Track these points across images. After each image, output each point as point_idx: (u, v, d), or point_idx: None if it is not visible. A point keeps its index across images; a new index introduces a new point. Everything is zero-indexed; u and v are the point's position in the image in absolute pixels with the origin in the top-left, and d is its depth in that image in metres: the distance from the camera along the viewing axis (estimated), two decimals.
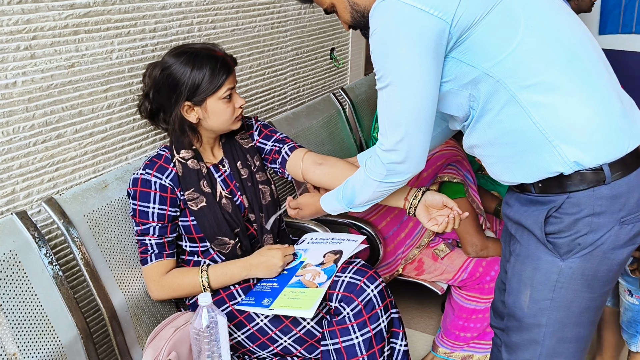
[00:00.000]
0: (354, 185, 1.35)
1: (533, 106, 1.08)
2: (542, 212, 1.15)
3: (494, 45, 1.08)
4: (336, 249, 1.54)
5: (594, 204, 1.10)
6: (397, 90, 1.12)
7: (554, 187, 1.13)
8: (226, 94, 1.46)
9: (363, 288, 1.40)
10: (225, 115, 1.48)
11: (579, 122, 1.08)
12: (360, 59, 2.91)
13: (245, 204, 1.56)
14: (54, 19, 1.33)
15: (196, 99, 1.44)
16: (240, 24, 1.95)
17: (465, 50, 1.09)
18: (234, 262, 1.51)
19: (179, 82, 1.43)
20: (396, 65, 1.09)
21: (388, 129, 1.17)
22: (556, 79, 1.08)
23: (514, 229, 1.25)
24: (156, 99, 1.51)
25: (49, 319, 1.30)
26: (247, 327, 1.47)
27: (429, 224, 1.41)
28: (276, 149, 1.63)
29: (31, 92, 1.32)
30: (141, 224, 1.44)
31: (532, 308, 1.19)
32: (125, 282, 1.48)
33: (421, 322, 2.34)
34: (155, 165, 1.47)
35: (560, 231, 1.13)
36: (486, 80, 1.10)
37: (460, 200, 1.84)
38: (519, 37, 1.07)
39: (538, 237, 1.16)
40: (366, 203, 1.35)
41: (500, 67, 1.08)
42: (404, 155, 1.17)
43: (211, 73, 1.43)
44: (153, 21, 1.60)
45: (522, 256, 1.21)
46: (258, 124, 1.68)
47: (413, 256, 1.95)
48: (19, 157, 1.33)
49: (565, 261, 1.14)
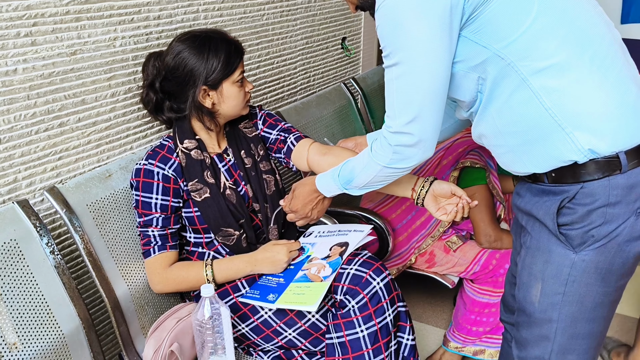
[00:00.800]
0: (354, 166, 1.29)
1: (545, 91, 1.03)
2: (555, 202, 1.10)
3: (506, 25, 1.02)
4: (342, 241, 1.50)
5: (609, 193, 1.04)
6: (408, 68, 1.05)
7: (567, 176, 1.08)
8: (239, 77, 1.46)
9: (369, 281, 1.37)
10: (239, 99, 1.48)
11: (592, 107, 1.03)
12: (372, 49, 2.86)
13: (249, 194, 1.53)
14: (54, 5, 1.31)
15: (213, 83, 1.43)
16: (248, 12, 1.92)
17: (477, 29, 1.04)
18: (240, 257, 1.48)
19: (195, 67, 1.41)
20: (406, 41, 1.03)
21: (397, 109, 1.11)
22: (569, 62, 1.02)
23: (524, 220, 1.21)
24: (165, 87, 1.48)
25: (50, 308, 1.28)
26: (252, 320, 1.45)
27: (438, 213, 1.38)
28: (281, 139, 1.60)
29: (32, 80, 1.31)
30: (144, 215, 1.42)
31: (543, 303, 1.15)
32: (129, 272, 1.47)
33: (433, 316, 2.30)
34: (158, 155, 1.45)
35: (573, 222, 1.08)
36: (497, 62, 1.05)
37: (481, 187, 1.81)
38: (532, 16, 1.01)
39: (550, 228, 1.11)
40: (364, 187, 1.30)
41: (512, 48, 1.03)
42: (416, 138, 1.11)
43: (227, 56, 1.42)
44: (157, 8, 1.58)
45: (533, 248, 1.17)
46: (262, 112, 1.65)
47: (427, 246, 1.91)
48: (20, 145, 1.32)
49: (578, 254, 1.09)
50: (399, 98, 1.10)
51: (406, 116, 1.09)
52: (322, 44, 2.42)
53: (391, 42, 1.05)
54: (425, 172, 1.91)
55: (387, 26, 1.05)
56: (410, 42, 1.02)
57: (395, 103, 1.11)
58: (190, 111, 1.46)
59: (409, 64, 1.04)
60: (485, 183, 1.83)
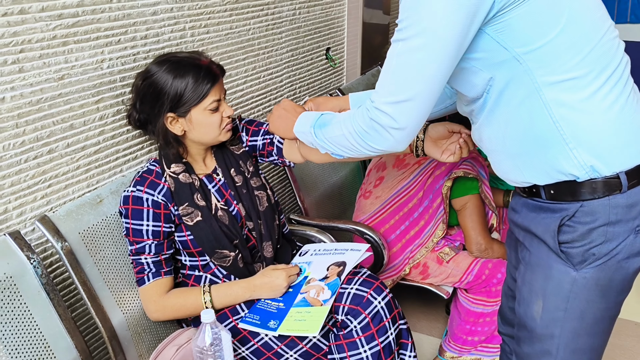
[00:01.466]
0: (336, 116, 1.21)
1: (555, 104, 1.02)
2: (554, 220, 1.10)
3: (532, 30, 0.99)
4: (339, 261, 1.49)
5: (609, 212, 1.05)
6: (420, 45, 0.97)
7: (566, 194, 1.08)
8: (212, 105, 1.39)
9: (370, 300, 1.37)
10: (212, 127, 1.42)
11: (600, 127, 1.03)
12: (356, 58, 2.86)
13: (242, 213, 1.51)
14: (41, 30, 1.28)
15: (180, 110, 1.38)
16: (234, 27, 1.90)
17: (502, 29, 0.99)
18: (238, 283, 1.46)
19: (160, 92, 1.37)
20: (428, 19, 0.95)
21: (389, 86, 1.02)
22: (586, 79, 1.01)
23: (521, 235, 1.21)
24: (142, 109, 1.45)
25: (47, 342, 1.25)
26: (252, 343, 1.43)
27: (444, 156, 1.36)
28: (268, 141, 1.58)
29: (20, 107, 1.27)
30: (135, 242, 1.39)
31: (544, 319, 1.16)
32: (125, 300, 1.44)
33: (427, 325, 2.31)
34: (147, 181, 1.42)
35: (573, 240, 1.09)
36: (514, 66, 1.02)
37: (473, 196, 1.82)
38: (559, 27, 0.99)
39: (550, 246, 1.11)
40: (329, 140, 1.20)
41: (534, 55, 1.00)
42: (398, 124, 1.02)
43: (194, 82, 1.36)
44: (144, 27, 1.55)
45: (533, 265, 1.17)
46: (242, 123, 1.63)
47: (421, 256, 1.91)
48: (10, 175, 1.28)
49: (579, 271, 1.10)
50: (396, 75, 1.01)
51: (395, 96, 1.01)
52: (307, 55, 2.41)
53: (410, 15, 0.97)
54: (418, 182, 1.91)
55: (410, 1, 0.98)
56: (431, 20, 0.95)
57: (389, 79, 1.03)
58: (157, 137, 1.43)
59: (420, 42, 0.97)
60: (477, 192, 1.85)
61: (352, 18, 2.70)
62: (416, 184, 1.91)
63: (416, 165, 1.92)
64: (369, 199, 2.02)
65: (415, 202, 1.91)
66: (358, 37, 2.81)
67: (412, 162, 1.93)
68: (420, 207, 1.90)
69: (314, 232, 1.84)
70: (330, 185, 2.27)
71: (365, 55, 2.93)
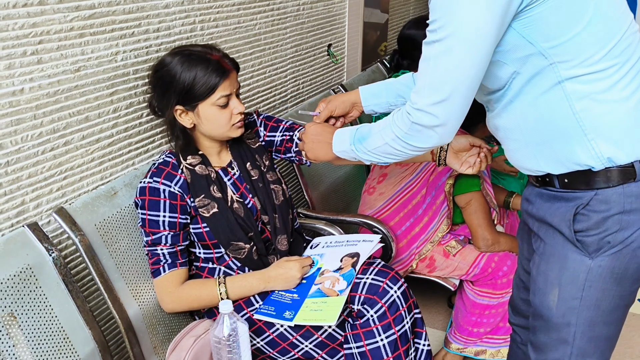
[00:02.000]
0: (372, 127, 1.23)
1: (577, 95, 1.04)
2: (569, 209, 1.11)
3: (558, 25, 1.00)
4: (353, 252, 1.51)
5: (624, 201, 1.07)
6: (455, 45, 0.99)
7: (580, 183, 1.10)
8: (220, 100, 1.38)
9: (386, 289, 1.38)
10: (220, 122, 1.41)
11: (619, 117, 1.05)
12: (357, 55, 2.88)
13: (257, 206, 1.52)
14: (59, 21, 1.28)
15: (188, 103, 1.38)
16: (241, 22, 1.91)
17: (529, 23, 1.01)
18: (252, 275, 1.47)
19: (170, 84, 1.38)
20: (462, 18, 0.97)
21: (428, 87, 1.04)
22: (610, 72, 1.03)
23: (536, 226, 1.22)
24: (156, 99, 1.46)
25: (66, 333, 1.25)
26: (267, 333, 1.44)
27: (463, 168, 1.40)
28: (287, 138, 1.59)
29: (38, 99, 1.27)
30: (152, 233, 1.39)
31: (560, 308, 1.17)
32: (140, 292, 1.44)
33: (429, 318, 2.33)
34: (163, 172, 1.42)
35: (588, 229, 1.10)
36: (539, 60, 1.03)
37: (476, 193, 1.84)
38: (585, 20, 1.00)
39: (566, 235, 1.13)
40: (373, 152, 1.21)
41: (559, 49, 1.01)
42: (439, 121, 1.05)
43: (202, 76, 1.35)
44: (157, 21, 1.55)
45: (548, 255, 1.18)
46: (261, 118, 1.63)
47: (427, 251, 1.93)
48: (27, 166, 1.28)
49: (594, 260, 1.11)
50: (434, 76, 1.03)
51: (436, 96, 1.04)
52: (310, 51, 2.42)
53: (442, 16, 0.99)
54: (421, 179, 1.93)
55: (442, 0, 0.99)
56: (464, 19, 0.97)
57: (428, 81, 1.05)
58: (167, 128, 1.43)
59: (455, 42, 0.99)
60: (479, 189, 1.86)
61: (352, 15, 2.72)
62: (419, 180, 1.93)
63: (418, 163, 1.94)
64: (373, 194, 2.03)
65: (419, 198, 1.92)
66: (359, 34, 2.83)
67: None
68: (424, 203, 1.92)
69: (323, 225, 1.85)
70: (335, 179, 2.29)
71: (365, 52, 2.95)
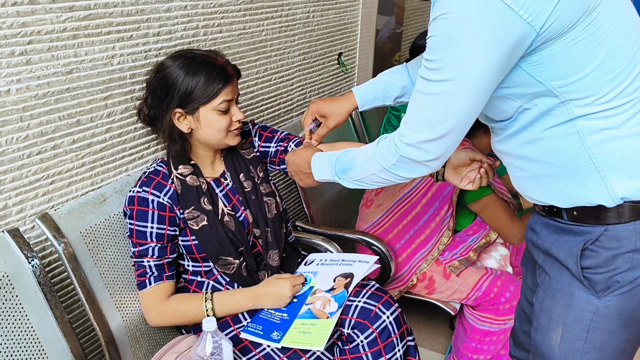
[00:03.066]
0: (354, 156, 1.18)
1: (589, 131, 0.97)
2: (577, 244, 1.04)
3: (570, 64, 0.94)
4: (347, 272, 1.45)
5: (636, 239, 1.00)
6: (454, 89, 0.95)
7: (590, 217, 1.03)
8: (221, 106, 1.35)
9: (378, 314, 1.32)
10: (219, 128, 1.37)
11: (635, 152, 0.98)
12: (368, 65, 2.82)
13: (249, 219, 1.47)
14: (51, 22, 1.24)
15: (188, 107, 1.34)
16: (247, 28, 1.86)
17: (537, 62, 0.94)
18: (241, 292, 1.41)
19: (171, 87, 1.34)
20: (462, 62, 0.92)
21: (421, 124, 1.00)
22: (625, 108, 0.97)
23: (541, 258, 1.15)
24: (152, 104, 1.41)
25: (41, 344, 1.21)
26: (253, 353, 1.38)
27: (462, 183, 1.33)
28: (282, 149, 1.54)
29: (26, 101, 1.23)
30: (139, 244, 1.35)
31: (563, 349, 1.10)
32: (124, 303, 1.39)
33: (429, 340, 2.26)
34: (153, 182, 1.38)
35: (597, 266, 1.03)
36: (549, 98, 0.97)
37: (490, 196, 1.77)
38: (599, 59, 0.94)
39: (572, 271, 1.06)
40: (358, 181, 1.19)
41: (570, 88, 0.95)
42: (433, 155, 1.02)
43: (206, 80, 1.32)
44: (157, 24, 1.51)
45: (553, 290, 1.11)
46: (256, 128, 1.58)
47: (427, 265, 1.86)
48: (12, 170, 1.24)
49: (601, 299, 1.04)
50: (429, 114, 0.99)
51: (429, 134, 1.00)
52: (318, 59, 2.37)
53: (444, 57, 0.94)
54: (421, 189, 1.87)
55: (444, 39, 0.93)
56: (465, 62, 0.92)
57: (422, 117, 1.00)
58: (163, 133, 1.39)
59: (456, 85, 0.95)
60: (491, 192, 1.79)
61: (365, 24, 2.66)
62: (420, 190, 1.87)
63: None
64: (371, 207, 1.98)
65: (419, 209, 1.86)
66: (371, 43, 2.77)
67: None
68: (426, 214, 1.85)
69: (320, 240, 1.79)
70: (336, 192, 2.23)
71: (377, 62, 2.89)
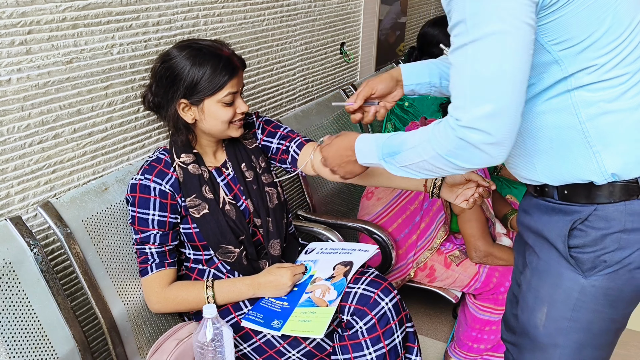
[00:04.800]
0: (404, 140, 1.05)
1: (584, 104, 0.97)
2: (566, 223, 1.04)
3: (578, 29, 0.93)
4: (346, 260, 1.45)
5: (624, 219, 1.00)
6: (491, 45, 0.86)
7: (580, 196, 1.03)
8: (226, 98, 1.35)
9: (377, 301, 1.32)
10: (223, 120, 1.37)
11: (627, 128, 0.97)
12: (371, 54, 2.82)
13: (250, 209, 1.47)
14: (51, 11, 1.25)
15: (193, 98, 1.35)
16: (248, 17, 1.86)
17: (548, 29, 0.93)
18: (242, 280, 1.42)
19: (177, 77, 1.34)
20: (492, 12, 0.85)
21: (470, 98, 0.90)
22: (620, 80, 0.96)
23: (531, 239, 1.15)
24: (156, 93, 1.42)
25: (44, 331, 1.22)
26: (254, 340, 1.40)
27: (458, 200, 1.34)
28: (283, 148, 1.54)
29: (27, 90, 1.24)
30: (140, 231, 1.36)
31: (548, 327, 1.10)
32: (126, 290, 1.41)
33: (432, 329, 2.27)
34: (155, 170, 1.39)
35: (584, 245, 1.03)
36: (553, 67, 0.96)
37: None
38: (605, 26, 0.93)
39: (560, 250, 1.06)
40: (406, 167, 1.06)
41: (575, 55, 0.94)
42: (494, 139, 0.89)
43: (212, 72, 1.32)
44: (157, 14, 1.52)
45: (540, 270, 1.12)
46: (259, 120, 1.58)
47: (425, 259, 1.87)
48: (13, 158, 1.26)
49: (587, 279, 1.04)
50: (475, 84, 0.89)
51: (482, 108, 0.88)
52: (321, 49, 2.37)
53: (471, 14, 0.87)
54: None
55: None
56: (497, 13, 0.85)
57: (468, 91, 0.90)
58: (168, 123, 1.40)
59: (492, 41, 0.86)
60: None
61: (368, 13, 2.66)
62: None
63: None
64: (371, 200, 1.98)
65: (417, 205, 1.86)
66: (374, 32, 2.76)
67: None
68: (421, 210, 1.86)
69: (322, 229, 1.80)
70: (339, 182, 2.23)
71: (380, 51, 2.88)
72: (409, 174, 1.08)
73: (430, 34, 2.39)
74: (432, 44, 2.42)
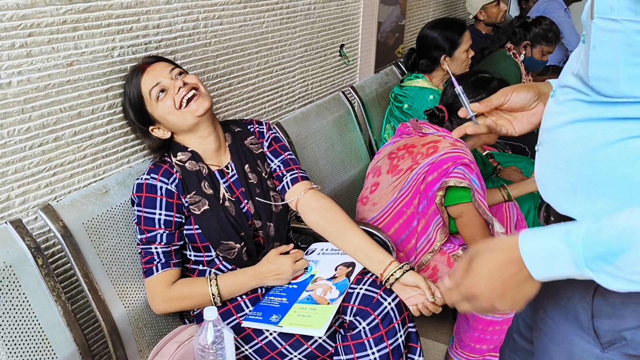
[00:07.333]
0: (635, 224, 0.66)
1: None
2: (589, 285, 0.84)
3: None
4: (348, 261, 1.45)
5: None
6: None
7: None
8: (154, 93, 1.38)
9: (380, 301, 1.32)
10: (172, 110, 1.38)
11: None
12: (370, 56, 2.82)
13: (251, 211, 1.47)
14: (51, 14, 1.25)
15: (150, 120, 1.43)
16: (247, 20, 1.87)
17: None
18: (244, 271, 1.43)
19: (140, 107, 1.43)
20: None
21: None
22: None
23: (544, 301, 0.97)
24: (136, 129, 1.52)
25: (45, 334, 1.22)
26: (256, 341, 1.39)
27: (408, 301, 1.33)
28: (279, 174, 1.55)
29: (27, 93, 1.24)
30: (147, 231, 1.36)
31: None
32: (127, 293, 1.40)
33: (432, 330, 2.26)
34: (161, 169, 1.40)
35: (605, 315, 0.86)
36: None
37: (467, 205, 1.75)
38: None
39: (580, 317, 0.89)
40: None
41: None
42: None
43: (137, 84, 1.41)
44: (157, 16, 1.52)
45: (553, 336, 0.96)
46: (270, 133, 1.58)
47: (426, 261, 1.86)
48: (14, 161, 1.25)
49: (605, 352, 0.88)
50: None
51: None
52: (320, 51, 2.37)
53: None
54: (413, 188, 1.84)
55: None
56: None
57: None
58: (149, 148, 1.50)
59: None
60: (470, 201, 1.76)
61: (367, 16, 2.66)
62: (411, 189, 1.85)
63: (409, 171, 1.85)
64: (366, 205, 1.97)
65: (412, 209, 1.85)
66: (373, 35, 2.77)
67: (405, 168, 1.86)
68: (417, 214, 1.85)
69: None
70: (338, 184, 2.23)
71: (379, 53, 2.89)
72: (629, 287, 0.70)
73: (430, 36, 2.48)
74: (431, 46, 2.48)
